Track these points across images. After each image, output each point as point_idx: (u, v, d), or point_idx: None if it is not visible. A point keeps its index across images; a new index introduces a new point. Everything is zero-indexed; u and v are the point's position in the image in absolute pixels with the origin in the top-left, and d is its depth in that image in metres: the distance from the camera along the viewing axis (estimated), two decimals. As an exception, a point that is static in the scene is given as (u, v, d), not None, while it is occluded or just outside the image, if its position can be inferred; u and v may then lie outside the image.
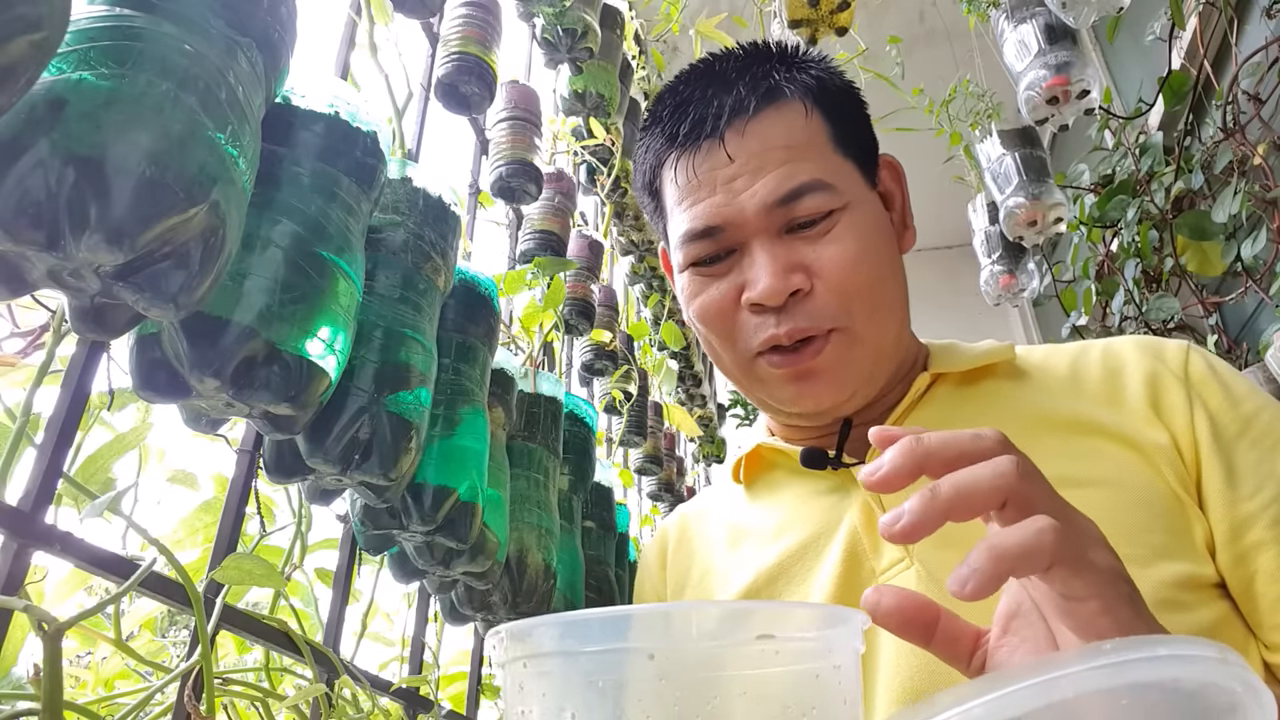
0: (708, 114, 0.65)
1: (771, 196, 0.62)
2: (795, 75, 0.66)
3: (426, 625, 1.13)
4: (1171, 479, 0.58)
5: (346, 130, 0.71)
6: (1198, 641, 0.26)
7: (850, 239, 0.62)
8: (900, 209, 0.71)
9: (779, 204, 0.62)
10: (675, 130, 0.66)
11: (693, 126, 0.65)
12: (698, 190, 0.64)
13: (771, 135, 0.63)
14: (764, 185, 0.62)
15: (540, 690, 0.31)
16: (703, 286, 0.66)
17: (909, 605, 0.39)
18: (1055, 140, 3.55)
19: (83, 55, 0.49)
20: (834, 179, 0.63)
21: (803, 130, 0.64)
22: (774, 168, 0.62)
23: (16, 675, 0.65)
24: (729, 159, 0.63)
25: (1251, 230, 1.81)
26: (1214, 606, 0.55)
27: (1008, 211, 2.46)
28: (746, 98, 0.64)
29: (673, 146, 0.66)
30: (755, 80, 0.65)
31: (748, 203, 0.62)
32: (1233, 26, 1.95)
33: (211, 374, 0.59)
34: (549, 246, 1.60)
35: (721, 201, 0.63)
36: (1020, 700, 0.25)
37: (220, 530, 0.79)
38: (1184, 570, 0.54)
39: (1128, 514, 0.56)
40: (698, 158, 0.64)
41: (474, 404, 0.88)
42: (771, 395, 0.66)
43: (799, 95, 0.65)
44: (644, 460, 2.23)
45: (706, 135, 0.64)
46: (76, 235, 0.46)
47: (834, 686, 0.31)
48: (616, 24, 1.96)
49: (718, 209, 0.63)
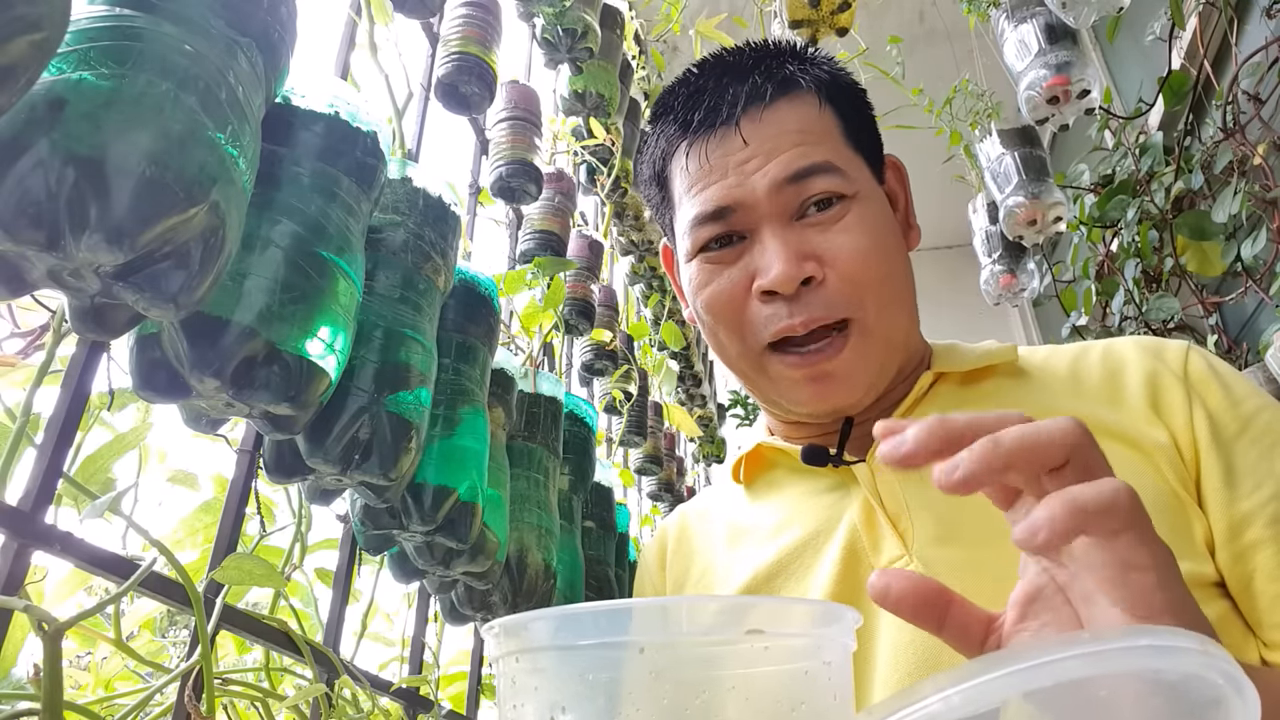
0: (723, 101, 0.65)
1: (783, 174, 0.62)
2: (809, 69, 0.67)
3: (426, 625, 1.13)
4: (1172, 478, 0.58)
5: (346, 130, 0.71)
6: (1180, 633, 0.26)
7: (861, 230, 0.63)
8: (904, 209, 0.71)
9: (790, 181, 0.62)
10: (689, 117, 0.66)
11: (707, 113, 0.65)
12: (709, 175, 0.64)
13: (786, 121, 0.64)
14: (776, 165, 0.62)
15: (533, 685, 0.31)
16: (712, 275, 0.65)
17: (921, 589, 0.37)
18: (1055, 140, 3.55)
19: (83, 55, 0.49)
20: (846, 166, 0.64)
21: (816, 120, 0.65)
22: (787, 149, 0.63)
23: (16, 675, 0.65)
24: (744, 143, 0.63)
25: (1251, 230, 1.81)
26: (1213, 605, 0.55)
27: (1008, 211, 2.46)
28: (763, 85, 0.65)
29: (686, 134, 0.67)
30: (770, 71, 0.66)
31: (759, 182, 0.62)
32: (1233, 26, 1.95)
33: (211, 374, 0.59)
34: (549, 246, 1.60)
35: (734, 183, 0.63)
36: (999, 687, 0.25)
37: (220, 530, 0.79)
38: (1184, 570, 0.54)
39: None
40: (711, 144, 0.65)
41: (474, 404, 0.88)
42: (783, 394, 0.66)
43: (813, 88, 0.66)
44: (644, 460, 2.23)
45: (722, 121, 0.65)
46: (76, 235, 0.46)
47: (824, 682, 0.31)
48: (616, 24, 1.96)
49: (729, 190, 0.63)
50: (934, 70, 3.12)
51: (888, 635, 0.58)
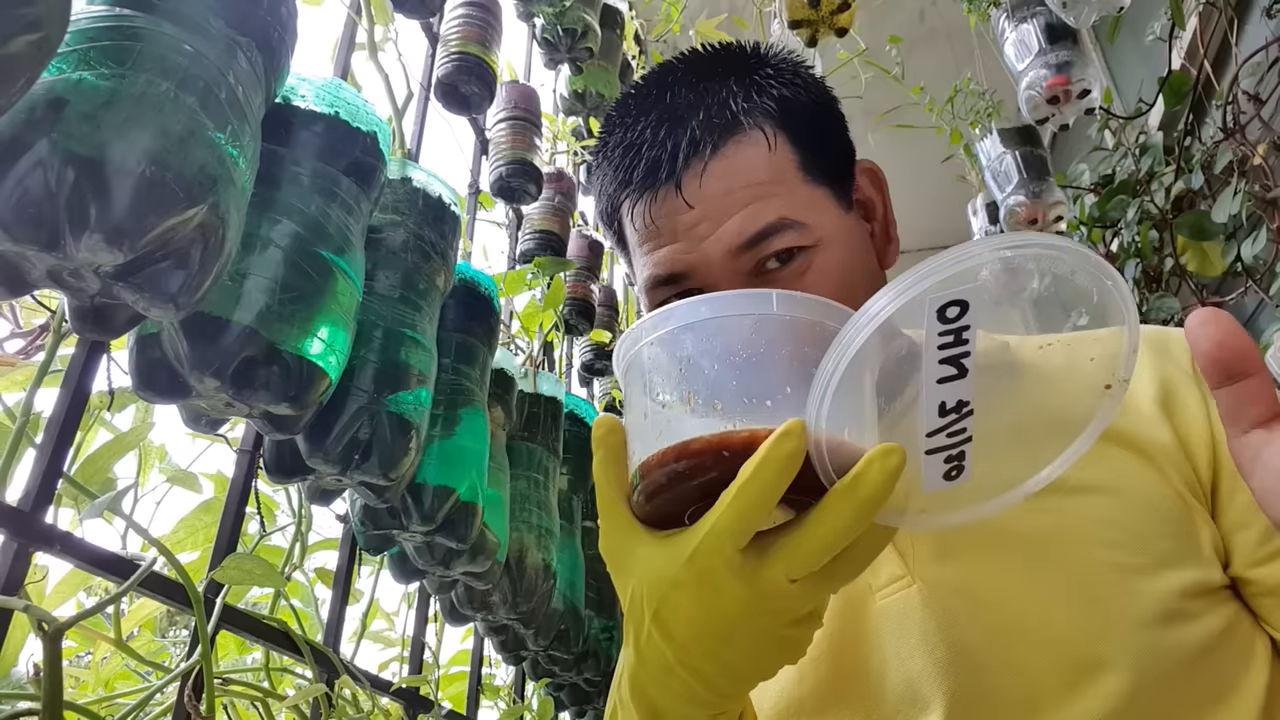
0: (662, 157, 0.59)
1: (736, 241, 0.57)
2: (756, 100, 0.60)
3: (426, 625, 1.13)
4: (1177, 482, 0.57)
5: (346, 130, 0.71)
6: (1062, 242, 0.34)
7: (824, 280, 0.58)
8: (883, 218, 0.67)
9: (745, 247, 0.57)
10: (629, 176, 0.60)
11: (646, 172, 0.59)
12: (658, 236, 0.60)
13: (733, 175, 0.58)
14: (727, 230, 0.57)
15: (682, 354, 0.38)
16: None
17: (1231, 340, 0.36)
18: (1055, 140, 3.54)
19: (83, 55, 0.49)
20: (804, 214, 0.59)
21: (766, 165, 0.59)
22: (738, 209, 0.57)
23: (16, 675, 0.65)
24: (688, 206, 0.58)
25: (1251, 230, 1.81)
26: (1222, 611, 0.54)
27: (1008, 210, 2.46)
28: (703, 138, 0.58)
29: (627, 190, 0.61)
30: (709, 113, 0.59)
31: (711, 249, 0.58)
32: (1233, 26, 1.95)
33: (211, 374, 0.59)
34: (549, 246, 1.60)
35: (684, 248, 0.58)
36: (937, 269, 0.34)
37: (220, 530, 0.79)
38: (1191, 577, 0.53)
39: (1132, 521, 0.55)
40: (654, 205, 0.59)
41: (474, 404, 0.88)
42: None
43: (760, 126, 0.59)
44: (644, 460, 2.23)
45: (663, 182, 0.58)
46: (77, 235, 0.46)
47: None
48: (616, 24, 1.96)
49: (681, 256, 0.59)
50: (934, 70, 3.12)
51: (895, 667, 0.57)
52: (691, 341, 0.38)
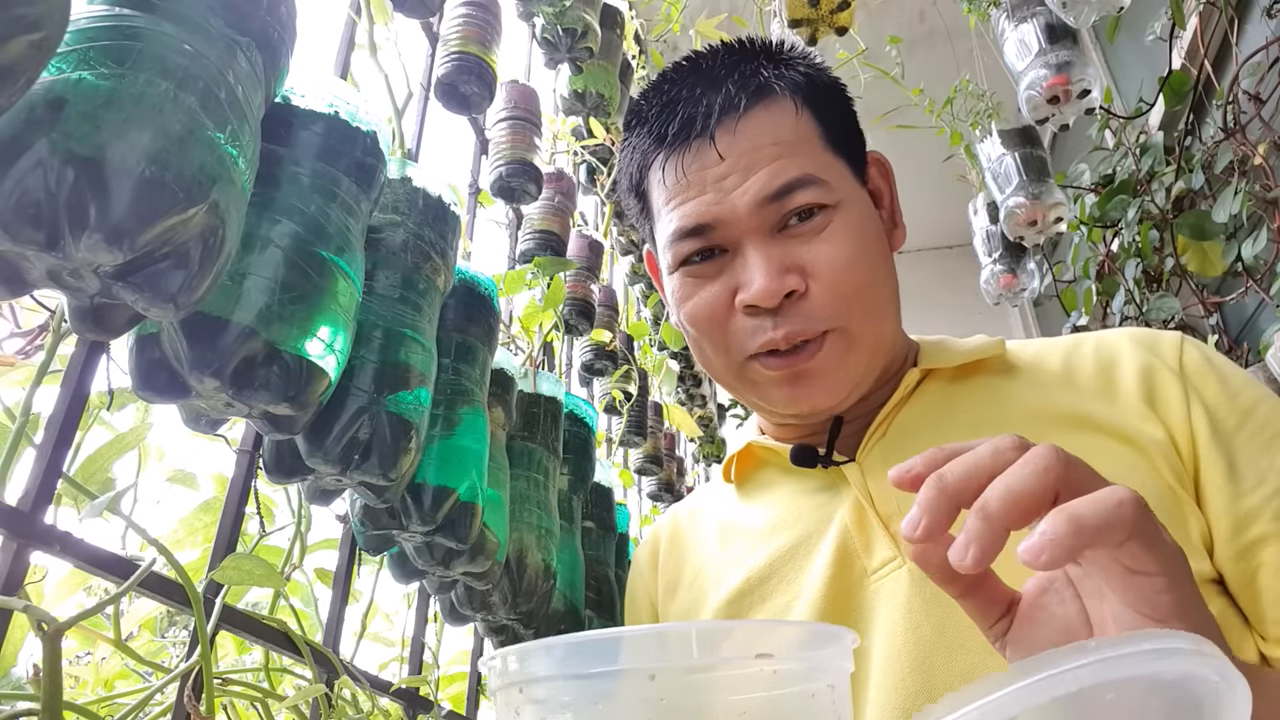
0: (697, 113, 0.63)
1: (763, 192, 0.61)
2: (784, 72, 0.65)
3: (426, 625, 1.13)
4: (1168, 475, 0.58)
5: (346, 130, 0.71)
6: (1177, 635, 0.27)
7: (844, 239, 0.62)
8: (890, 207, 0.70)
9: (771, 199, 0.61)
10: (664, 130, 0.65)
11: (682, 126, 0.64)
12: (687, 190, 0.63)
13: (762, 132, 0.63)
14: (755, 182, 0.61)
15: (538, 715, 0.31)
16: (694, 289, 0.65)
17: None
18: (1055, 140, 3.55)
19: (82, 55, 0.49)
20: (826, 175, 0.63)
21: (793, 128, 0.63)
22: (765, 164, 0.62)
23: (16, 675, 0.65)
24: (719, 158, 0.62)
25: (1252, 230, 1.81)
26: (1211, 603, 0.54)
27: (1008, 211, 2.46)
28: (736, 95, 0.63)
29: (661, 147, 0.65)
30: (744, 78, 0.64)
31: (739, 200, 0.61)
32: (1233, 26, 1.95)
33: (211, 374, 0.59)
34: (549, 246, 1.60)
35: (712, 200, 0.62)
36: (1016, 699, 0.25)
37: (220, 530, 0.79)
38: None
39: None
40: (687, 157, 0.63)
41: (474, 404, 0.88)
42: (764, 397, 0.66)
43: (789, 92, 0.64)
44: (644, 460, 2.23)
45: (697, 134, 0.63)
46: (76, 235, 0.46)
47: (828, 705, 0.31)
48: (616, 24, 1.96)
49: (708, 207, 0.62)
50: (934, 70, 3.12)
51: (881, 644, 0.58)
52: None
